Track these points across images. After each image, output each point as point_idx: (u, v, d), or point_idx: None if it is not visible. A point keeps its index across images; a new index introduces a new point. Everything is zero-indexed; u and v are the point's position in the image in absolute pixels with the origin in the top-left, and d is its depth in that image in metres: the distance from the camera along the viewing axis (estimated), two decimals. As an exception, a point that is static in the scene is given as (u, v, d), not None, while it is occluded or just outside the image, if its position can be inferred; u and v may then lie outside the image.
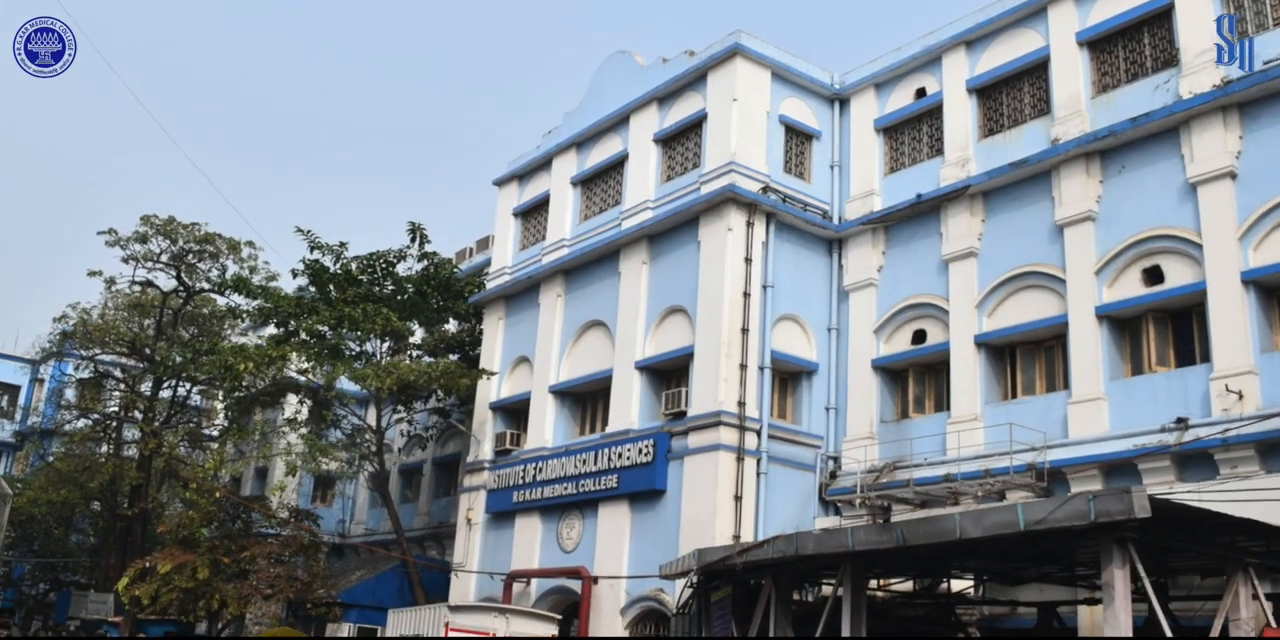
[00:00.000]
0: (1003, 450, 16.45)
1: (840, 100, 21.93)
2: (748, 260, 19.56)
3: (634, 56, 23.75)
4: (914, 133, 20.61)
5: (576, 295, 23.21)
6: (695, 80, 21.47)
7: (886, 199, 20.44)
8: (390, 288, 26.33)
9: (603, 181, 23.84)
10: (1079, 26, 17.81)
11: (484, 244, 31.87)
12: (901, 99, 20.83)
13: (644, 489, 19.28)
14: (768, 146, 20.63)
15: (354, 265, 26.24)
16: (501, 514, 22.91)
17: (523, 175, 26.48)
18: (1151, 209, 16.13)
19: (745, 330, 19.09)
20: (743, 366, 18.87)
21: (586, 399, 22.82)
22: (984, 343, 17.94)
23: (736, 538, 17.69)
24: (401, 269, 26.49)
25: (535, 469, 22.10)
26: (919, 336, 19.30)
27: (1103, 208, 16.74)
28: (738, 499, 18.06)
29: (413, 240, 25.83)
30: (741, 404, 18.65)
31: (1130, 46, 17.33)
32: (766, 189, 19.99)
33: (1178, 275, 15.68)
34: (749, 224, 19.69)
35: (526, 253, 25.62)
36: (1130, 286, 16.26)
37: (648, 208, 21.66)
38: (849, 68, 21.99)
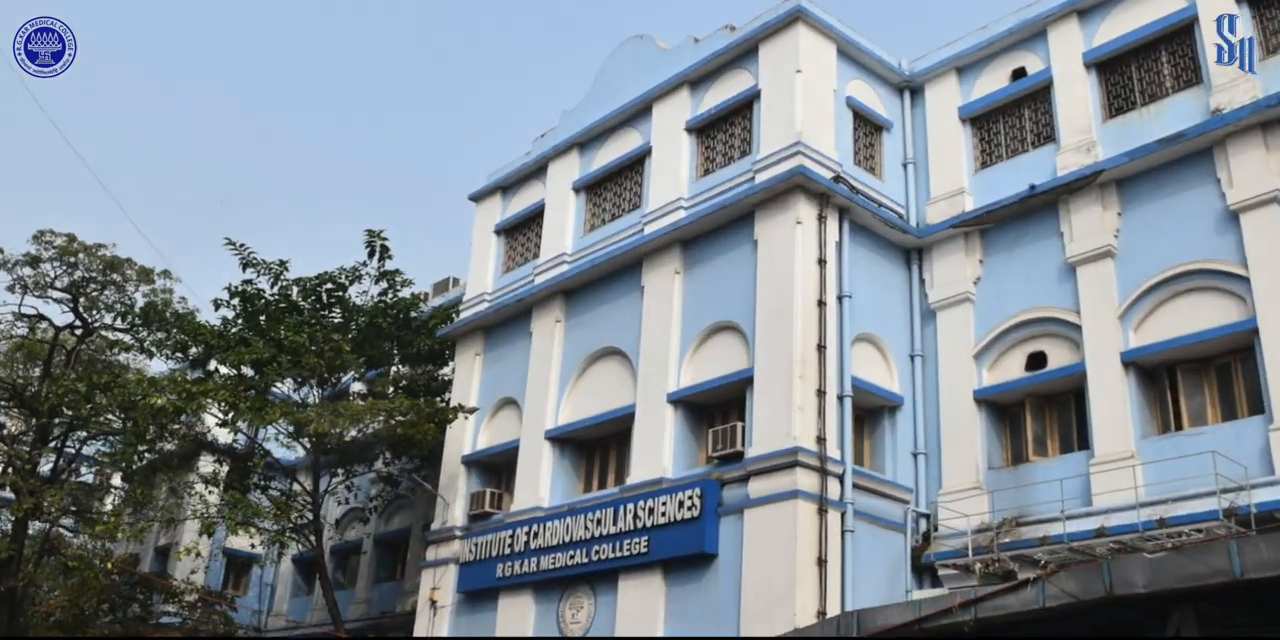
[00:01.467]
0: (1176, 494, 12.83)
1: (910, 89, 18.89)
2: (821, 262, 16.00)
3: (654, 40, 20.57)
4: (1013, 119, 17.56)
5: (581, 320, 19.33)
6: (742, 55, 18.30)
7: (980, 198, 17.18)
8: (338, 317, 22.10)
9: (615, 184, 20.30)
10: (1235, -20, 15.00)
11: (442, 287, 28.01)
12: (993, 82, 17.87)
13: (686, 553, 15.11)
14: (836, 131, 17.33)
15: (295, 289, 22.02)
16: (479, 593, 18.38)
17: (508, 186, 22.87)
18: (1367, 183, 13.00)
19: (821, 348, 15.36)
20: (820, 393, 15.06)
21: (595, 446, 18.69)
22: (1133, 363, 14.49)
23: (822, 614, 13.54)
24: (355, 292, 22.32)
25: (527, 534, 17.73)
26: (1036, 360, 15.80)
27: (1294, 185, 13.57)
28: (821, 563, 13.98)
29: (371, 254, 21.77)
30: (821, 440, 14.77)
31: (1311, -4, 14.55)
32: (838, 178, 16.57)
33: None
34: (820, 218, 16.18)
35: (512, 275, 21.78)
36: (1344, 281, 12.96)
37: (679, 207, 18.10)
38: (913, 55, 18.99)
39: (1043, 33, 17.31)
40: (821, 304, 15.68)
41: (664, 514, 15.59)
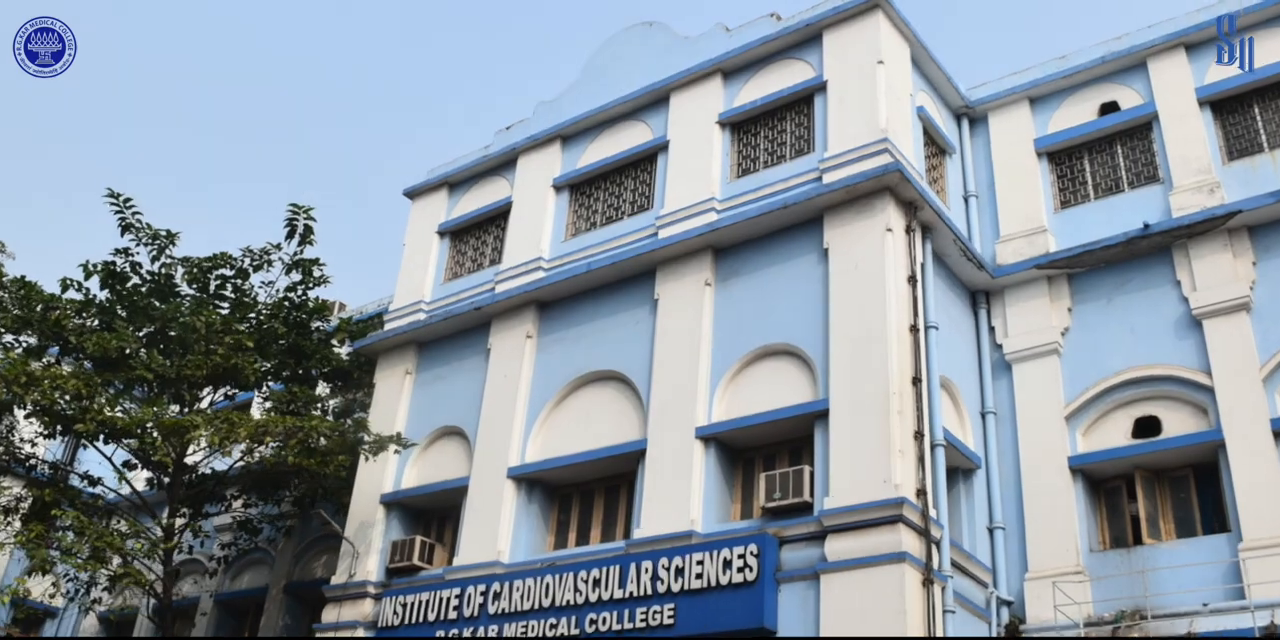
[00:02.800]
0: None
1: (970, 117, 17.08)
2: (912, 280, 13.48)
3: (668, 27, 18.17)
4: (1102, 156, 15.93)
5: (562, 337, 16.08)
6: (798, 44, 16.10)
7: (1063, 239, 15.27)
8: (228, 308, 17.92)
9: (612, 183, 17.46)
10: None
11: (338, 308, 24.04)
12: (1077, 116, 16.28)
13: (736, 629, 11.83)
14: (913, 141, 15.17)
15: (180, 270, 17.79)
16: None
17: (457, 182, 19.63)
18: None
19: (917, 381, 12.70)
20: (918, 436, 12.32)
21: (573, 491, 15.26)
22: (1285, 432, 12.46)
23: (935, 723, 10.50)
24: (257, 282, 18.23)
25: (483, 595, 13.96)
26: (1147, 427, 13.63)
27: None
28: (930, 652, 10.99)
29: (289, 235, 17.82)
30: (922, 494, 11.96)
31: None
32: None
33: None
34: (909, 230, 13.77)
35: (460, 283, 18.37)
36: None
37: (710, 209, 15.38)
38: (967, 83, 17.29)
39: (1141, 66, 15.90)
40: (914, 330, 13.10)
41: (699, 576, 12.29)
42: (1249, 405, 12.76)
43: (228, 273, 17.82)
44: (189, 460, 17.76)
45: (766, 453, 13.63)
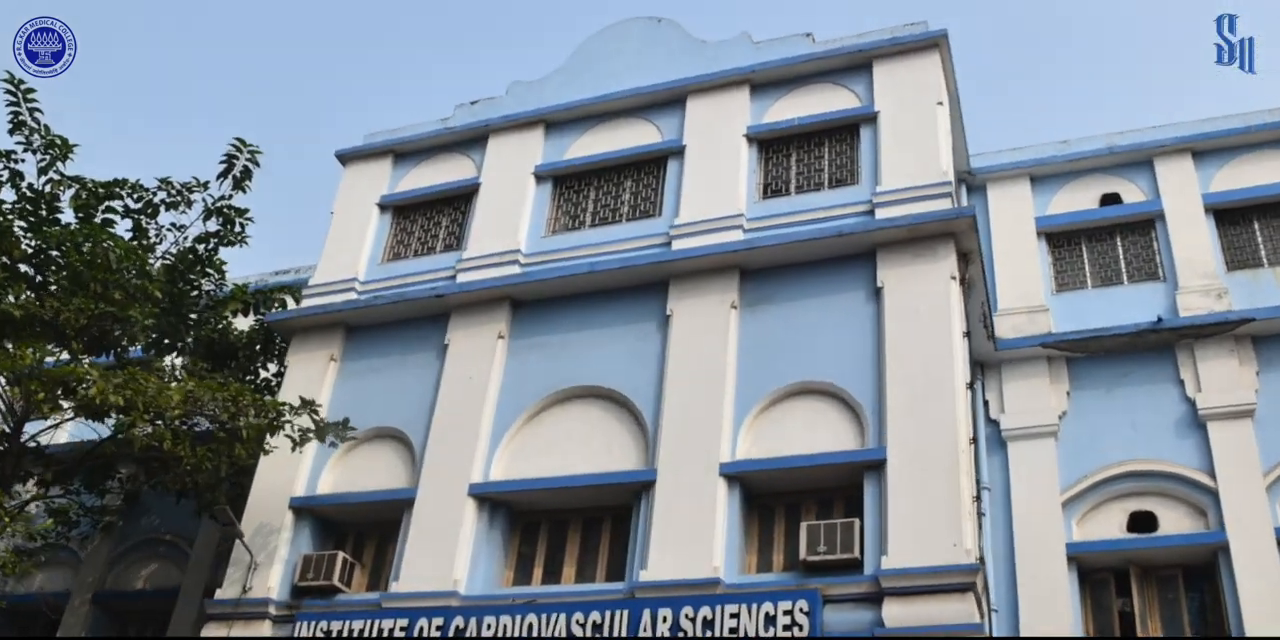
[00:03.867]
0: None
1: (969, 184, 17.28)
2: (967, 336, 13.19)
3: (680, 27, 17.42)
4: (1102, 246, 16.45)
5: (540, 342, 14.69)
6: (845, 69, 15.74)
7: (1062, 322, 15.58)
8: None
9: (608, 182, 16.36)
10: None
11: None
12: (1078, 201, 16.83)
13: (778, 699, 10.74)
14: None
15: (67, 191, 14.97)
16: None
17: (406, 153, 17.85)
18: None
19: (974, 441, 12.34)
20: (976, 499, 11.92)
21: (544, 520, 13.71)
22: (1291, 541, 13.00)
23: None
24: (167, 223, 15.62)
25: (437, 630, 12.17)
26: (1141, 521, 13.90)
27: None
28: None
29: (224, 173, 15.33)
30: (981, 562, 11.49)
31: None
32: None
33: None
34: (964, 281, 13.55)
35: (405, 265, 16.58)
36: None
37: (736, 226, 14.59)
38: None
39: (1147, 163, 16.61)
40: (970, 388, 12.77)
41: (733, 630, 11.19)
42: (1254, 511, 13.21)
43: (132, 204, 15.07)
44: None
45: (790, 500, 12.76)
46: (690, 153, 15.69)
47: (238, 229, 15.65)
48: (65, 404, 13.06)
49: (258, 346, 16.33)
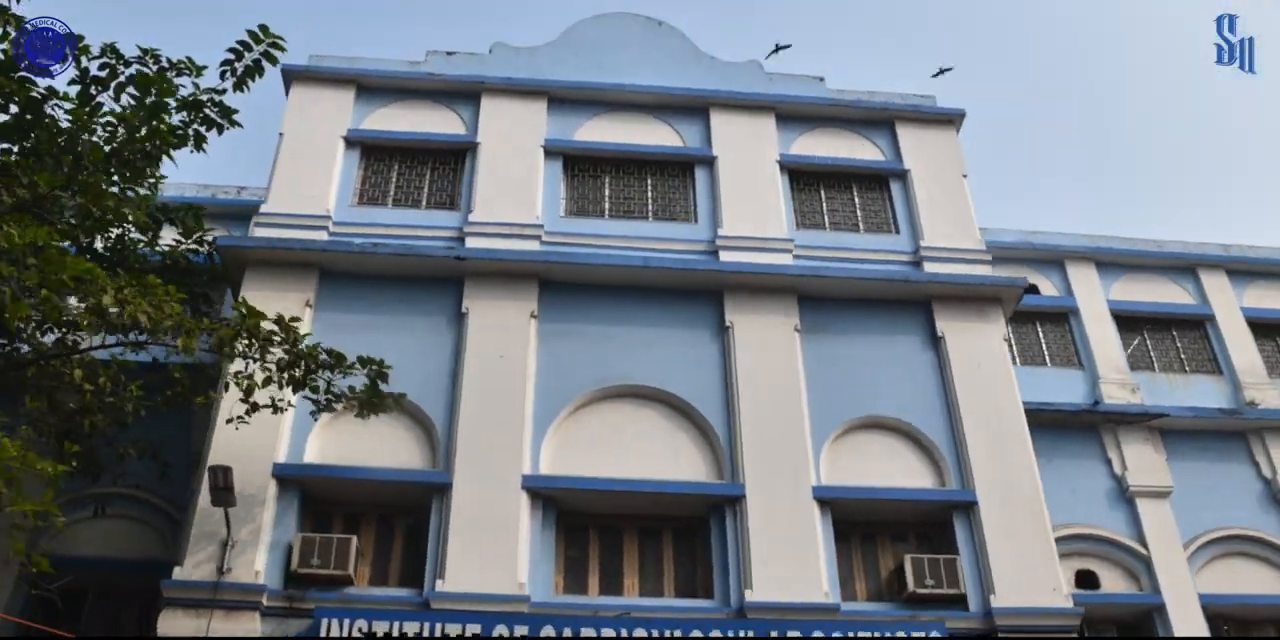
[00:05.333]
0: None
1: (910, 250, 18.64)
2: (1012, 394, 14.18)
3: (684, 37, 17.36)
4: (1024, 329, 18.24)
5: (579, 331, 13.72)
6: (864, 121, 16.57)
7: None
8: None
9: (627, 173, 15.74)
10: (1242, 303, 18.61)
11: None
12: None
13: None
14: (953, 258, 16.21)
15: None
16: None
17: (374, 88, 16.01)
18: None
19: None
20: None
21: (592, 525, 12.59)
22: (1206, 608, 15.19)
23: None
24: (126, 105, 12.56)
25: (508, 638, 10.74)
26: (1085, 579, 15.54)
27: (1327, 491, 16.46)
28: None
29: (233, 61, 12.55)
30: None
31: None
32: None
33: None
34: (1010, 344, 14.61)
35: (386, 214, 14.83)
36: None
37: (783, 248, 14.68)
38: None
39: (1059, 263, 18.75)
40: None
41: (867, 662, 10.98)
42: (1181, 578, 15.25)
43: (94, 69, 11.90)
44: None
45: (864, 530, 12.77)
46: (724, 167, 15.47)
47: (211, 131, 12.78)
48: None
49: (182, 271, 13.40)
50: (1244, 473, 16.62)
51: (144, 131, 11.96)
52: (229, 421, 10.99)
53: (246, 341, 10.46)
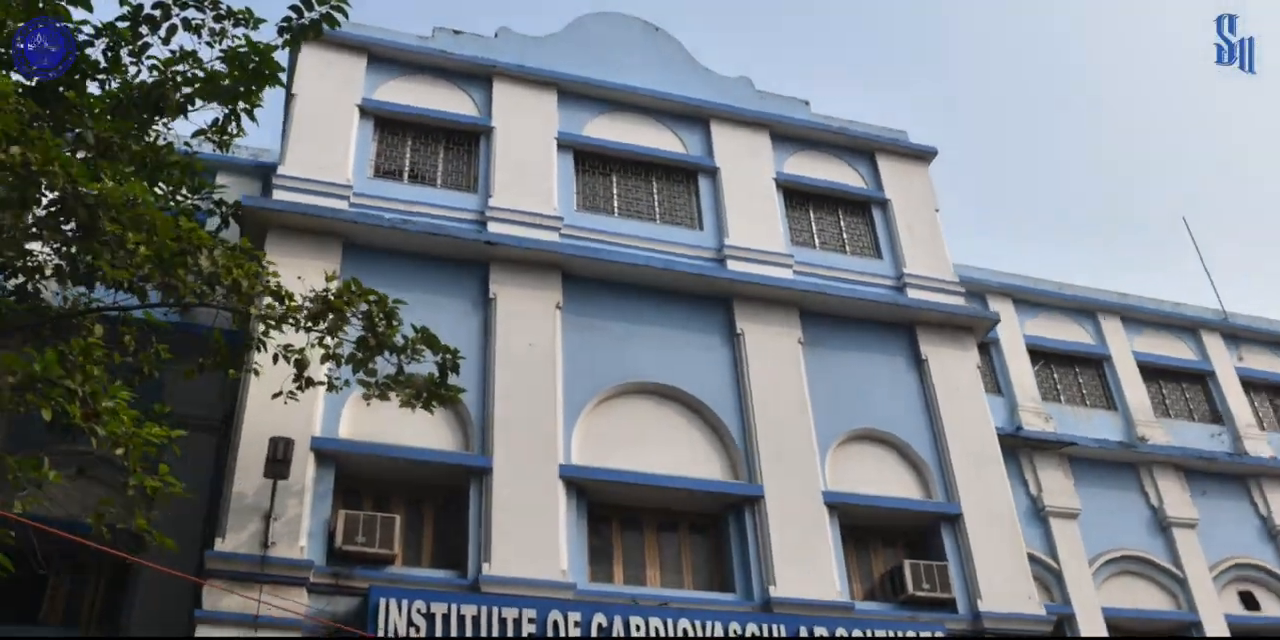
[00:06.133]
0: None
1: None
2: (979, 417, 15.51)
3: (680, 46, 17.96)
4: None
5: (602, 326, 14.16)
6: (848, 149, 17.63)
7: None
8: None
9: (634, 175, 16.20)
10: (1134, 347, 20.79)
11: None
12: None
13: (933, 721, 11.80)
14: (918, 286, 17.49)
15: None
16: None
17: (386, 59, 15.92)
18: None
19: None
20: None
21: (615, 517, 13.03)
22: (1109, 619, 17.00)
23: None
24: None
25: (576, 627, 11.13)
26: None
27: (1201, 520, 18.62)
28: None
29: (290, 21, 12.08)
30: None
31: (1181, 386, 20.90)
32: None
33: (1271, 605, 18.24)
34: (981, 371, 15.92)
35: (402, 190, 14.79)
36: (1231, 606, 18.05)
37: (783, 264, 15.54)
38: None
39: (982, 297, 20.40)
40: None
41: (879, 655, 11.95)
42: (1087, 591, 17.00)
43: (177, 13, 11.35)
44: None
45: (860, 534, 13.71)
46: (727, 178, 16.14)
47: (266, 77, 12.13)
48: None
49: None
50: (1136, 501, 18.60)
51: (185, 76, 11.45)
52: (276, 395, 10.74)
53: (329, 316, 10.30)
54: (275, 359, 10.77)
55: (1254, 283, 46.54)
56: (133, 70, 11.49)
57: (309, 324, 10.45)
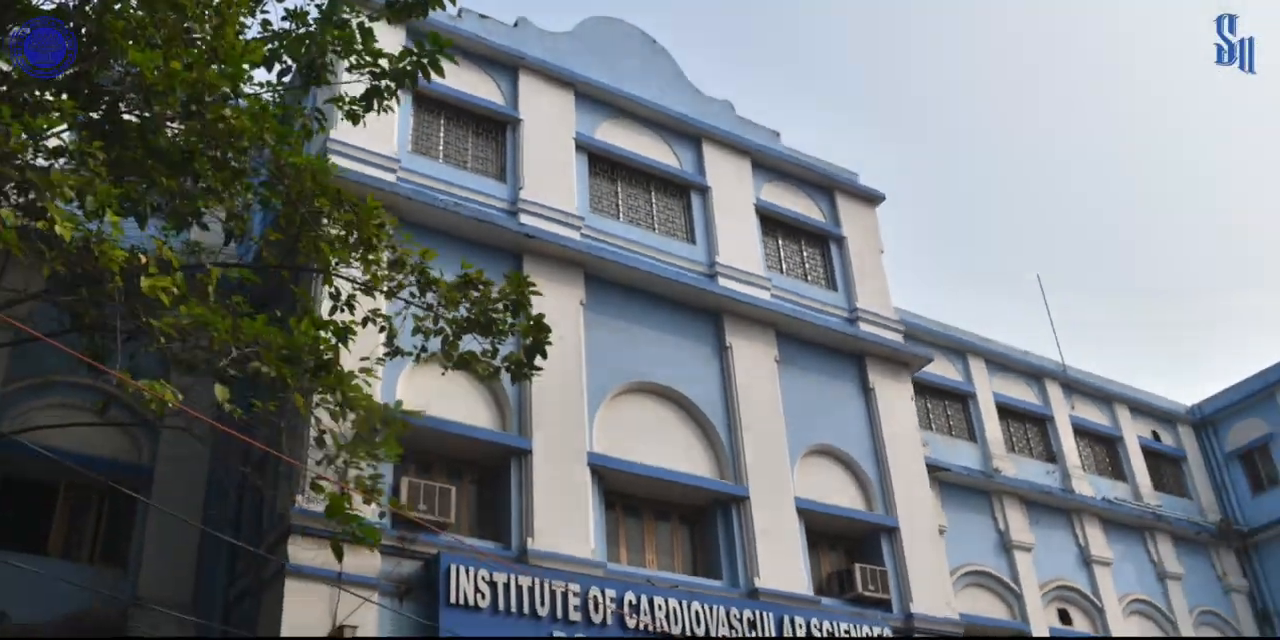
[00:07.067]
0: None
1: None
2: (906, 443, 17.75)
3: (673, 61, 19.30)
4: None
5: (615, 327, 15.40)
6: (812, 184, 19.44)
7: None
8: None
9: (637, 184, 17.47)
10: (993, 388, 23.79)
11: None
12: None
13: (882, 704, 13.85)
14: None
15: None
16: None
17: (420, 33, 16.44)
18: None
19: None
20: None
21: (618, 503, 14.31)
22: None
23: None
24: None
25: (613, 602, 12.49)
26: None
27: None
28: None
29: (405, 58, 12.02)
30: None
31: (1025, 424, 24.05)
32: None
33: (1080, 622, 21.56)
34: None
35: (441, 170, 15.54)
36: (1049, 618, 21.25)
37: (762, 285, 17.21)
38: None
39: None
40: (921, 489, 17.21)
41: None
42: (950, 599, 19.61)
43: None
44: None
45: (813, 538, 15.54)
46: (717, 200, 17.60)
47: None
48: None
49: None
50: (988, 524, 21.41)
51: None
52: (364, 360, 11.32)
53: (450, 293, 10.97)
54: (365, 323, 11.34)
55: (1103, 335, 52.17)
56: None
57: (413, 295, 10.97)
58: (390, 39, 13.51)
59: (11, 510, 12.89)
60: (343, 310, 10.92)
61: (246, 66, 9.76)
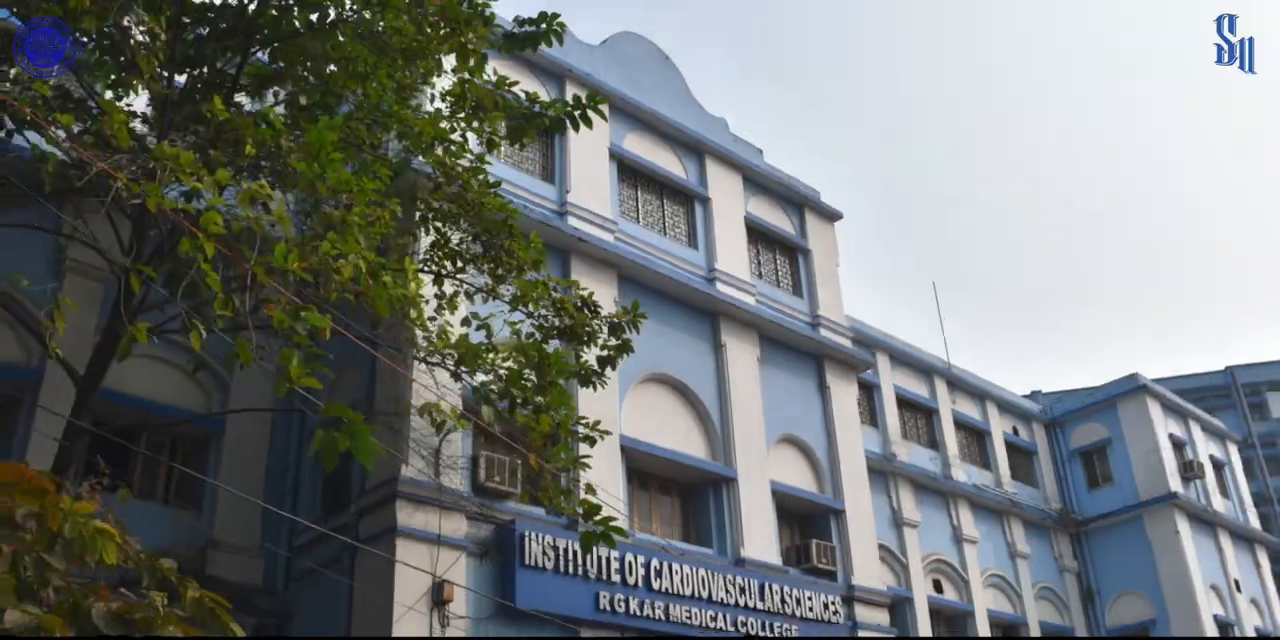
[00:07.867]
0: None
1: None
2: (848, 435, 20.66)
3: (681, 77, 21.38)
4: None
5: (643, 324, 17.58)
6: (785, 199, 21.88)
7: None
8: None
9: (653, 191, 19.58)
10: (895, 381, 27.12)
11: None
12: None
13: (832, 658, 16.84)
14: (806, 318, 22.30)
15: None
16: (526, 621, 13.84)
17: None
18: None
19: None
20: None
21: (634, 480, 16.70)
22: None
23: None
24: None
25: (642, 567, 14.96)
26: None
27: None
28: (882, 696, 18.19)
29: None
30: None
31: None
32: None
33: (949, 591, 25.33)
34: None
35: (512, 173, 17.20)
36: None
37: (748, 291, 19.72)
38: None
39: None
40: (854, 475, 20.19)
41: (811, 609, 16.73)
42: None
43: None
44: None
45: (792, 519, 18.30)
46: (716, 211, 19.85)
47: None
48: None
49: None
50: (884, 503, 24.71)
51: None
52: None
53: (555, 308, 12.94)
54: (465, 323, 13.23)
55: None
56: None
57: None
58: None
59: (97, 455, 14.18)
60: (443, 310, 12.66)
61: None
